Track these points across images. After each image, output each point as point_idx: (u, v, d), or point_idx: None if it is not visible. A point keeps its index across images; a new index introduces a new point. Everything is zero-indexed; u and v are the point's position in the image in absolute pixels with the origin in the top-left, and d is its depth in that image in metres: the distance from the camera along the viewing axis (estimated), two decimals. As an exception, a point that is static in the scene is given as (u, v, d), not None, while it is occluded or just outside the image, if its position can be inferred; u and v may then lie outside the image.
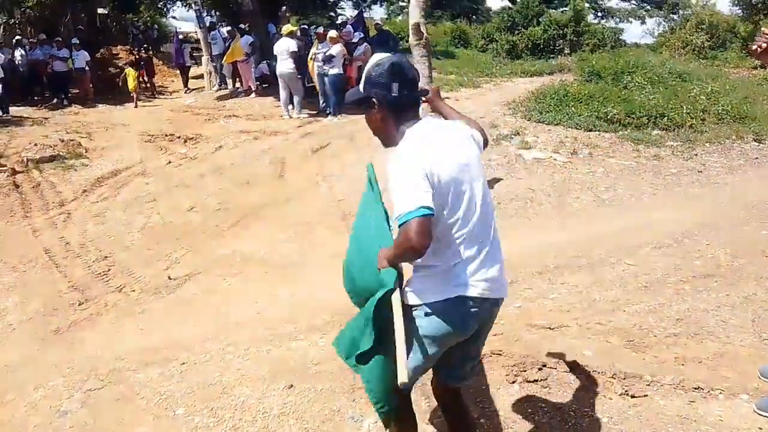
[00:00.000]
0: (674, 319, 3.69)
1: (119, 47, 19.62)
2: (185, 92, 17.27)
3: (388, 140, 2.08)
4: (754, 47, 2.63)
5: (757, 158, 7.36)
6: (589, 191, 6.26)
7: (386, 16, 29.94)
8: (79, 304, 4.48)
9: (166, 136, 11.23)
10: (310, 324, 3.97)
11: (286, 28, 12.21)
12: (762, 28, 2.62)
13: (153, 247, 5.65)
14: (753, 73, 12.25)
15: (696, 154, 7.36)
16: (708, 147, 7.66)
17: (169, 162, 9.19)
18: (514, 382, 3.09)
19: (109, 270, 5.17)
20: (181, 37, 19.14)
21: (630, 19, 23.74)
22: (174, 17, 33.68)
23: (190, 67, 17.89)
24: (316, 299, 4.33)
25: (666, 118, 8.23)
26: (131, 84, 15.65)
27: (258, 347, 3.68)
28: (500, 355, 3.36)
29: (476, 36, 19.66)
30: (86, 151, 10.16)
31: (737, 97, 9.17)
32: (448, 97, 12.65)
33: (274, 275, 4.86)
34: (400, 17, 27.22)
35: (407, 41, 14.19)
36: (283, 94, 11.95)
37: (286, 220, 6.11)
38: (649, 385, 3.02)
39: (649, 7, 23.13)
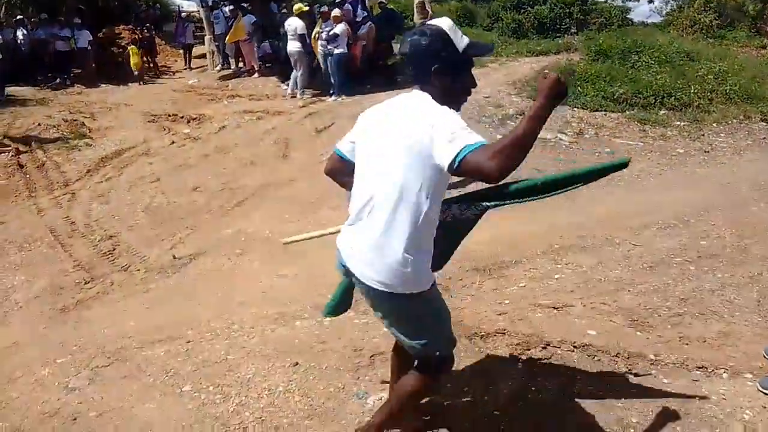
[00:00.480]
0: (679, 299, 3.70)
1: (121, 27, 19.44)
2: (188, 71, 17.18)
3: None
4: None
5: (764, 138, 7.30)
6: (595, 171, 6.21)
7: (390, -5, 29.53)
8: (85, 283, 4.50)
9: (170, 116, 11.20)
10: (314, 303, 3.97)
11: (297, 7, 12.07)
12: None
13: (157, 227, 5.66)
14: (761, 53, 12.08)
15: (703, 135, 7.30)
16: (715, 127, 7.60)
17: (173, 142, 9.17)
18: (518, 361, 3.10)
19: (114, 249, 5.18)
20: (183, 15, 18.90)
21: (638, -3, 23.36)
22: (182, -4, 33.36)
23: (192, 45, 17.75)
24: (320, 278, 4.33)
25: (673, 98, 8.15)
26: (134, 62, 15.57)
27: (263, 326, 3.70)
28: (504, 334, 3.37)
29: (482, 14, 19.39)
30: (90, 132, 10.15)
31: (745, 76, 9.06)
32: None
33: (278, 255, 4.86)
34: (404, -5, 26.85)
35: (412, 20, 14.09)
36: (294, 73, 11.89)
37: (290, 200, 6.10)
38: (652, 364, 3.03)
39: (657, -15, 22.77)
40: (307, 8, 12.26)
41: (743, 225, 4.73)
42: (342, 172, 2.28)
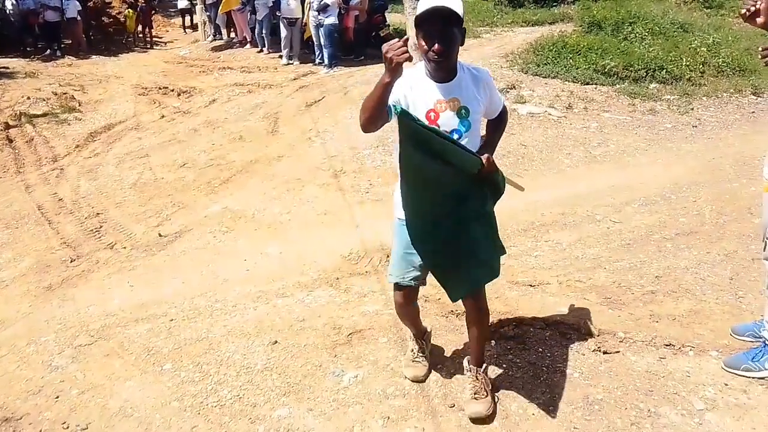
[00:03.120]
0: (653, 276, 3.76)
1: (112, -5, 19.17)
2: (185, 34, 17.02)
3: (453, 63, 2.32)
4: (743, 11, 2.59)
5: (753, 112, 7.28)
6: (582, 147, 6.23)
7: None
8: (71, 261, 4.55)
9: (160, 89, 11.13)
10: (297, 281, 4.05)
11: None
12: None
13: (145, 204, 5.68)
14: (758, 23, 11.91)
15: (692, 108, 7.27)
16: (705, 101, 7.57)
17: (163, 116, 9.15)
18: (492, 339, 3.17)
19: (101, 227, 5.22)
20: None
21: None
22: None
23: (189, 10, 17.53)
24: (304, 257, 4.40)
25: (665, 70, 8.09)
26: (130, 25, 15.48)
27: (245, 304, 3.77)
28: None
29: (477, -17, 19.06)
30: (79, 105, 10.10)
31: (739, 48, 8.98)
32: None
33: (263, 232, 4.91)
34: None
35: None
36: (284, 40, 11.85)
37: (277, 176, 6.12)
38: (621, 341, 3.10)
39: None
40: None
41: (723, 202, 4.77)
42: None
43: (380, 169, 6.02)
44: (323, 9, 10.98)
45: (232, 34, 15.16)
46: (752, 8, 2.52)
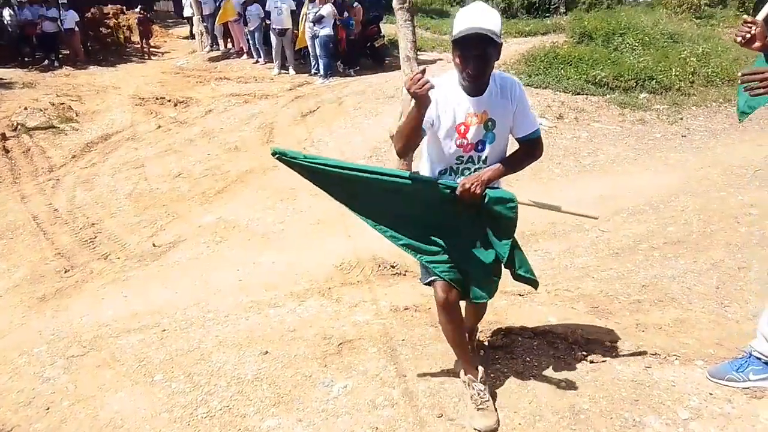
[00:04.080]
0: (640, 285, 3.81)
1: (110, 6, 19.27)
2: (191, 39, 17.17)
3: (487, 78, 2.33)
4: (738, 39, 2.64)
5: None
6: (572, 156, 6.30)
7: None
8: (65, 272, 4.58)
9: (157, 99, 11.18)
10: (289, 291, 4.08)
11: None
12: (744, 16, 2.63)
13: (140, 214, 5.72)
14: (749, 33, 12.03)
15: (681, 118, 7.36)
16: (694, 110, 7.66)
17: (159, 126, 9.19)
18: (479, 348, 3.21)
19: (96, 237, 5.25)
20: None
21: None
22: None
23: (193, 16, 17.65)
24: (296, 266, 4.44)
25: (654, 80, 8.18)
26: (121, 35, 15.76)
27: (237, 314, 3.80)
28: (468, 321, 3.47)
29: (473, -6, 19.22)
30: (77, 115, 10.14)
31: (728, 58, 9.08)
32: (440, 59, 12.55)
33: (256, 242, 4.95)
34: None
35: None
36: (275, 51, 11.98)
37: (271, 186, 6.16)
38: (608, 351, 3.14)
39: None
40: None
41: (711, 211, 4.83)
42: None
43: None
44: (318, 20, 11.06)
45: (229, 45, 15.24)
46: (747, 35, 2.57)
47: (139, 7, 17.46)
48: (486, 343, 3.27)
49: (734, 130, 7.02)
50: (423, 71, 2.06)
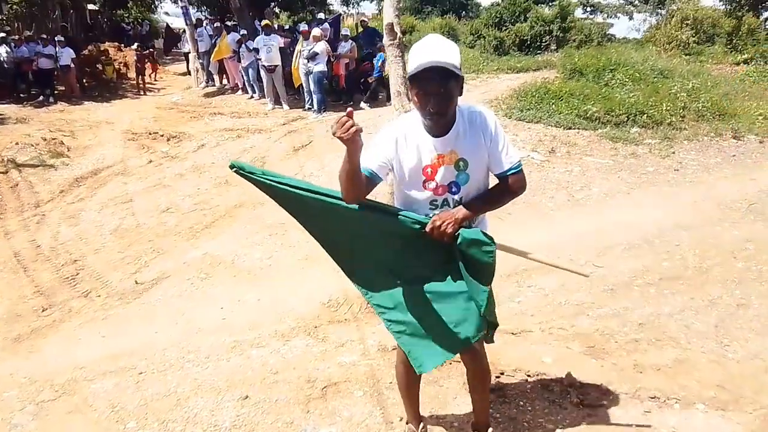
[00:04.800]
0: (637, 323, 3.68)
1: (107, 44, 19.51)
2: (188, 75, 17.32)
3: (451, 115, 2.14)
4: None
5: (734, 156, 7.35)
6: (564, 191, 6.23)
7: (377, 12, 29.80)
8: (43, 310, 4.42)
9: (150, 134, 11.15)
10: (274, 330, 3.94)
11: (266, 23, 12.46)
12: None
13: (124, 250, 5.59)
14: (735, 69, 12.23)
15: (674, 152, 7.34)
16: (686, 144, 7.65)
17: (150, 161, 9.13)
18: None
19: (78, 274, 5.11)
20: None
21: (618, 14, 23.71)
22: (167, 13, 33.69)
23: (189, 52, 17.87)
24: (282, 304, 4.30)
25: (645, 115, 8.21)
26: (110, 72, 16.00)
27: (219, 355, 3.65)
28: (459, 362, 3.33)
29: (464, 32, 19.57)
30: (68, 150, 10.08)
31: (717, 93, 9.16)
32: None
33: (242, 279, 4.82)
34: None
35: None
36: (266, 87, 12.07)
37: (260, 221, 6.05)
38: (605, 394, 3.00)
39: (637, 2, 23.10)
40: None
41: (706, 246, 4.74)
42: None
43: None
44: (312, 57, 11.17)
45: (225, 81, 15.36)
46: None
47: (137, 44, 17.69)
48: (477, 386, 3.11)
49: (727, 164, 7.00)
50: (350, 114, 1.90)
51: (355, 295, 4.28)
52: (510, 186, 2.23)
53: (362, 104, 11.63)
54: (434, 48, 2.04)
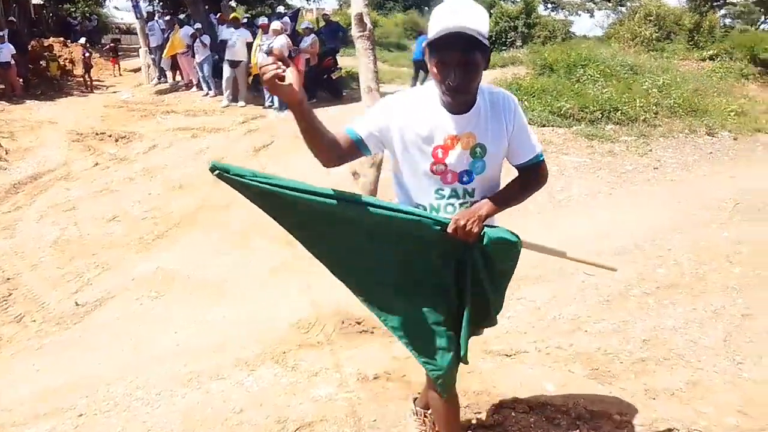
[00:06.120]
0: (640, 339, 3.37)
1: (52, 39, 18.42)
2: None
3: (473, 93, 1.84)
4: None
5: (711, 153, 7.21)
6: (545, 191, 5.89)
7: (338, 7, 29.25)
8: (-34, 341, 3.83)
9: (97, 134, 10.40)
10: (237, 357, 3.46)
11: (234, 15, 11.84)
12: None
13: (64, 265, 5.00)
14: (701, 65, 12.27)
15: (651, 150, 7.15)
16: (662, 141, 7.48)
17: (97, 164, 8.45)
18: (467, 429, 2.67)
19: (10, 295, 4.51)
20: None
21: (579, 12, 23.87)
22: (116, 7, 32.33)
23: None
24: (246, 325, 3.83)
25: (619, 112, 8.03)
26: (53, 69, 15.06)
27: (172, 390, 3.15)
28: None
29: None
30: (6, 153, 9.26)
31: (688, 89, 9.07)
32: (399, 90, 12.26)
33: (200, 296, 4.32)
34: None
35: (355, 32, 13.67)
36: (226, 82, 11.48)
37: (220, 229, 5.55)
38: (618, 426, 2.66)
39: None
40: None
41: (699, 249, 4.49)
42: None
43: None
44: (272, 52, 10.64)
45: (178, 78, 14.63)
46: None
47: (83, 39, 16.75)
48: (473, 422, 2.73)
49: (705, 162, 6.85)
50: (275, 54, 1.58)
51: (328, 313, 3.85)
52: (537, 176, 2.02)
53: (284, 112, 10.83)
54: (461, 11, 1.69)
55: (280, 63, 1.60)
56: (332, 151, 1.84)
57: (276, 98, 10.77)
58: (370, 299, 2.02)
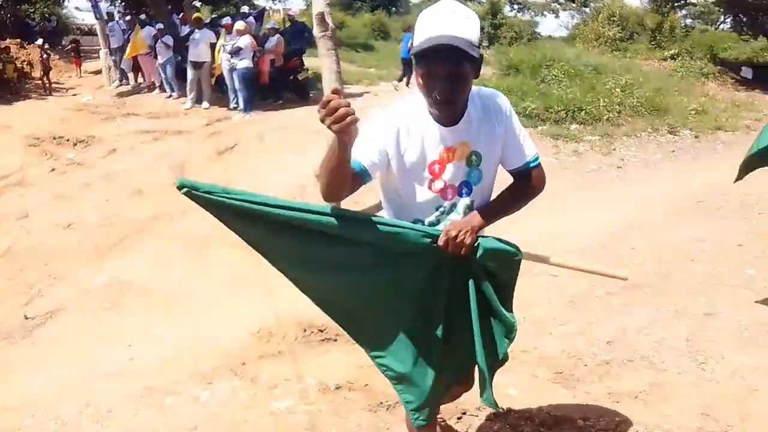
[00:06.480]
0: (604, 341, 3.34)
1: (8, 40, 17.82)
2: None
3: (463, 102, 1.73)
4: None
5: (673, 151, 7.32)
6: (510, 192, 5.92)
7: (304, 7, 29.03)
8: None
9: (55, 138, 10.08)
10: (193, 371, 3.33)
11: (197, 16, 11.59)
12: None
13: (14, 276, 4.79)
14: (663, 65, 12.50)
15: (614, 149, 7.22)
16: (626, 141, 7.57)
17: (53, 169, 8.20)
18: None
19: (-46, 309, 4.29)
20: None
21: (544, 12, 24.18)
22: (77, 8, 31.50)
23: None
24: (204, 337, 3.70)
25: (584, 111, 8.10)
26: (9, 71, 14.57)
27: (125, 407, 3.01)
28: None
29: (396, 28, 19.27)
30: (-43, 161, 8.90)
31: (650, 88, 9.20)
32: (367, 92, 12.18)
33: (157, 307, 4.16)
34: (318, 8, 26.44)
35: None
36: (190, 84, 11.24)
37: (179, 236, 5.38)
38: (581, 430, 2.61)
39: (562, 0, 23.64)
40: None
41: (663, 248, 4.51)
42: None
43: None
44: (236, 52, 10.44)
45: (140, 79, 14.28)
46: None
47: (41, 40, 16.25)
48: (437, 430, 2.65)
49: (667, 160, 6.94)
50: (336, 91, 1.42)
51: (289, 322, 3.74)
52: (532, 182, 1.88)
53: (249, 114, 10.46)
54: (448, 18, 1.58)
55: (348, 104, 1.40)
56: (345, 190, 1.68)
57: (241, 99, 10.57)
58: (350, 328, 1.96)
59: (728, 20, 17.70)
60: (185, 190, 1.61)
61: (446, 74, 1.59)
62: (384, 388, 2.97)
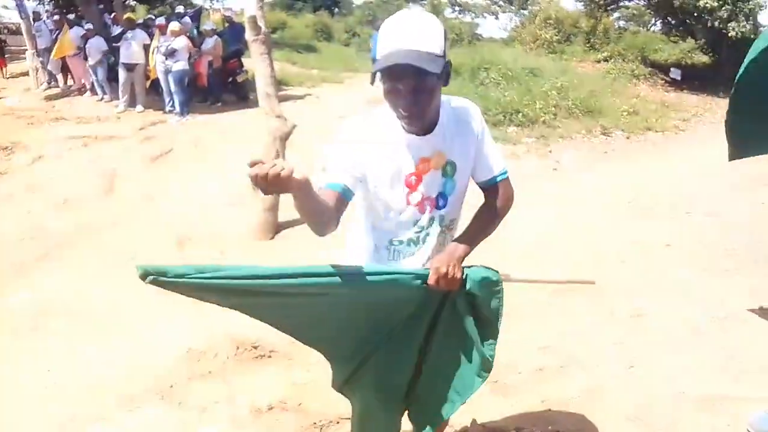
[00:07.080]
0: (539, 347, 3.38)
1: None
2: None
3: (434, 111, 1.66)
4: None
5: (606, 152, 7.54)
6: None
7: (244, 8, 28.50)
8: None
9: (-25, 146, 9.45)
10: (119, 395, 3.15)
11: (128, 16, 11.13)
12: None
13: None
14: (596, 67, 12.92)
15: (550, 151, 7.38)
16: (561, 142, 7.75)
17: (-30, 180, 7.65)
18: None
19: None
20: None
21: (485, 14, 24.60)
22: (5, 6, 29.87)
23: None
24: (131, 357, 3.51)
25: (521, 114, 8.24)
26: None
27: (39, 441, 2.81)
28: (348, 419, 2.80)
29: (339, 29, 19.15)
30: None
31: (584, 91, 9.47)
32: (310, 94, 12.03)
33: (80, 327, 3.92)
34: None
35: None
36: (122, 86, 10.80)
37: (107, 250, 5.13)
38: (515, 440, 2.62)
39: (502, 2, 24.12)
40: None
41: (595, 250, 4.62)
42: None
43: (235, 235, 5.28)
44: (171, 54, 10.11)
45: (70, 81, 13.62)
46: None
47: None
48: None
49: (600, 161, 7.15)
50: (256, 163, 1.29)
51: (221, 339, 3.60)
52: (501, 196, 1.83)
53: (186, 117, 10.18)
54: (408, 31, 1.50)
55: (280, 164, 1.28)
56: (331, 219, 1.57)
57: (177, 102, 10.24)
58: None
59: (658, 22, 18.46)
60: (150, 278, 1.38)
61: (410, 90, 1.53)
62: (318, 407, 2.90)
